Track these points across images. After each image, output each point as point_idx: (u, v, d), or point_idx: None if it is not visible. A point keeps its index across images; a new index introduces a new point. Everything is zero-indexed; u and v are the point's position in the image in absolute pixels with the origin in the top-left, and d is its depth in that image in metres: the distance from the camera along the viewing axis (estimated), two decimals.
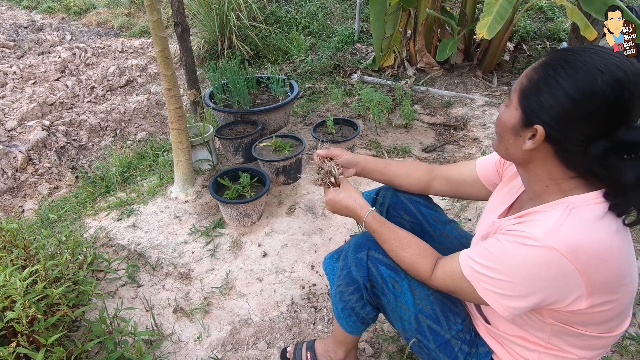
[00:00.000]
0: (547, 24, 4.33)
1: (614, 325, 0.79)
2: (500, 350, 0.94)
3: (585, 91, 0.66)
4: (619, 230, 0.71)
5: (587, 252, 0.67)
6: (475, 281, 0.80)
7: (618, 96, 0.66)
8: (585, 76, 0.66)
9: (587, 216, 0.70)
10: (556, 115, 0.69)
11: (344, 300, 1.08)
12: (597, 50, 0.68)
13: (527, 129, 0.74)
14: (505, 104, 0.80)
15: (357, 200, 1.03)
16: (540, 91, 0.70)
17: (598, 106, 0.66)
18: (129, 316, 1.54)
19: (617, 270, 0.70)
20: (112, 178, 2.39)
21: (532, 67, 0.74)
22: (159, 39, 1.84)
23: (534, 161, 0.77)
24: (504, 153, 0.83)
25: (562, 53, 0.71)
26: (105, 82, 4.42)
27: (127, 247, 1.89)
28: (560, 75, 0.68)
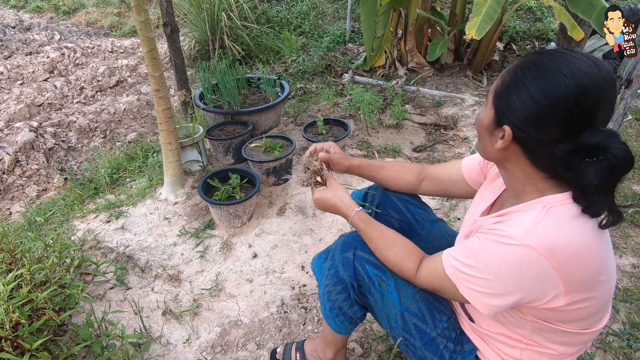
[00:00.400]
0: (536, 24, 4.37)
1: (593, 322, 0.80)
2: (484, 347, 0.95)
3: (548, 95, 0.68)
4: (595, 227, 0.72)
5: (563, 250, 0.68)
6: (457, 279, 0.81)
7: (580, 100, 0.66)
8: (550, 81, 0.68)
9: (564, 215, 0.71)
10: (522, 117, 0.71)
11: (332, 300, 1.09)
12: (567, 55, 0.69)
13: (498, 128, 0.76)
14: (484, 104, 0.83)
15: (344, 200, 1.03)
16: (510, 93, 0.73)
17: (561, 110, 0.68)
18: (117, 319, 1.53)
19: (593, 267, 0.71)
20: (100, 180, 2.37)
21: (507, 69, 0.76)
22: (146, 39, 1.83)
23: (509, 160, 0.79)
24: (482, 152, 0.85)
25: (534, 56, 0.73)
26: (94, 82, 4.37)
27: (115, 249, 1.88)
28: (527, 78, 0.71)
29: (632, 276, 1.59)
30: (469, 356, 0.97)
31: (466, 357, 0.97)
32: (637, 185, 2.13)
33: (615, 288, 1.53)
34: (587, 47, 3.38)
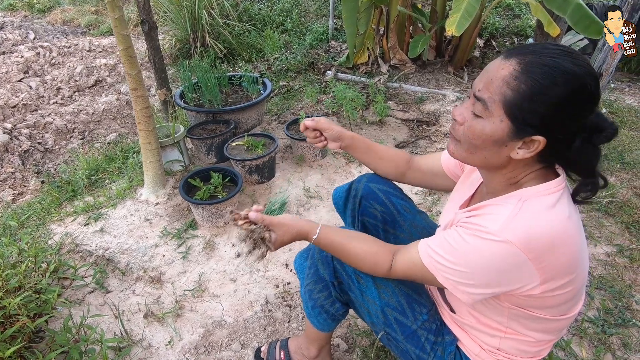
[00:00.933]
0: (515, 20, 4.46)
1: (568, 308, 0.82)
2: (465, 337, 0.97)
3: (579, 94, 0.68)
4: (571, 217, 0.74)
5: (539, 242, 0.70)
6: (435, 270, 0.82)
7: (593, 87, 0.69)
8: (577, 80, 0.68)
9: (539, 207, 0.73)
10: (554, 122, 0.69)
11: (314, 298, 1.09)
12: (565, 51, 0.70)
13: (517, 139, 0.72)
14: (475, 112, 0.75)
15: (300, 233, 0.94)
16: (534, 101, 0.68)
17: (584, 102, 0.69)
18: (97, 324, 1.49)
19: (569, 257, 0.72)
20: (78, 182, 2.31)
21: (509, 75, 0.70)
22: (122, 37, 1.78)
23: (511, 164, 0.77)
24: (480, 162, 0.79)
25: (536, 57, 0.69)
26: (72, 82, 4.25)
27: (94, 252, 1.83)
28: (554, 82, 0.67)
29: (606, 264, 1.64)
30: (450, 347, 0.99)
31: (447, 347, 0.99)
32: (611, 177, 2.20)
33: (589, 276, 1.59)
34: (563, 42, 3.46)
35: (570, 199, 0.77)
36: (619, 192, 2.02)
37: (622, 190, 2.04)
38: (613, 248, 1.72)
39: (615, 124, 0.72)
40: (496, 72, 0.72)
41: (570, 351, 1.31)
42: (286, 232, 0.93)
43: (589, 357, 1.29)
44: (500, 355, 0.91)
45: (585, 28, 2.55)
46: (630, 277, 1.58)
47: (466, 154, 0.80)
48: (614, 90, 3.35)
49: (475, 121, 0.75)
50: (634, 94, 3.30)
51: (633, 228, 1.81)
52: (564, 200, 0.75)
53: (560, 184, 0.76)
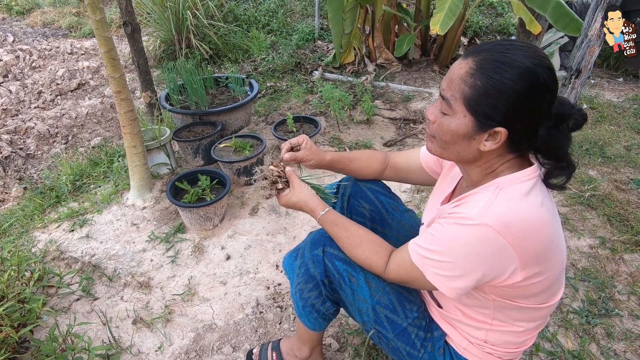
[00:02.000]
0: (498, 19, 4.53)
1: (549, 296, 0.85)
2: (452, 332, 0.98)
3: (529, 82, 0.71)
4: (545, 203, 0.76)
5: (517, 225, 0.72)
6: (423, 266, 0.84)
7: (549, 76, 0.72)
8: (527, 72, 0.71)
9: (514, 194, 0.76)
10: (512, 113, 0.73)
11: (304, 297, 1.09)
12: (517, 45, 0.73)
13: (482, 132, 0.76)
14: (442, 111, 0.79)
15: (309, 203, 1.02)
16: (490, 95, 0.72)
17: (541, 92, 0.72)
18: (84, 332, 1.47)
19: (545, 241, 0.75)
20: (62, 187, 2.26)
21: (466, 73, 0.74)
22: (103, 39, 1.75)
23: (484, 156, 0.80)
24: (454, 157, 0.83)
25: (489, 54, 0.73)
26: (53, 86, 4.16)
27: (80, 259, 1.80)
28: (504, 76, 0.71)
29: (590, 256, 1.69)
30: (439, 342, 1.00)
31: (436, 343, 1.00)
32: (592, 171, 2.26)
33: (574, 268, 1.62)
34: (544, 40, 3.53)
35: (544, 187, 0.80)
36: (601, 186, 2.07)
37: (604, 183, 2.09)
38: (596, 240, 1.76)
39: (584, 112, 0.75)
40: (456, 72, 0.76)
41: (557, 342, 1.34)
42: (297, 195, 1.02)
43: (574, 348, 1.32)
44: (487, 347, 0.93)
45: (565, 26, 2.60)
46: (613, 268, 1.62)
47: (441, 150, 0.84)
48: (594, 87, 3.44)
49: (443, 119, 0.80)
50: (613, 89, 3.39)
51: (614, 220, 1.86)
52: (538, 188, 0.78)
53: (534, 172, 0.79)
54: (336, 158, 1.17)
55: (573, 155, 2.34)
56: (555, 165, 0.78)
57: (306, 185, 1.05)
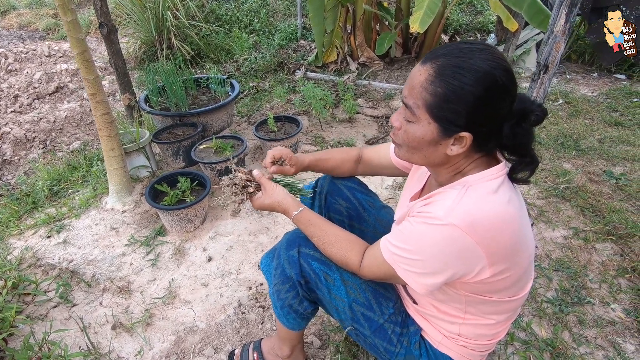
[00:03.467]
0: (477, 17, 4.60)
1: (518, 289, 0.87)
2: (427, 326, 1.00)
3: (488, 86, 0.72)
4: (512, 200, 0.78)
5: (483, 224, 0.73)
6: (394, 263, 0.85)
7: (507, 77, 0.74)
8: (481, 73, 0.72)
9: (481, 192, 0.77)
10: (474, 117, 0.74)
11: (282, 298, 1.09)
12: (473, 49, 0.74)
13: (447, 138, 0.77)
14: (406, 118, 0.79)
15: (282, 204, 1.02)
16: (451, 101, 0.72)
17: (501, 93, 0.73)
18: (61, 339, 1.44)
19: (512, 237, 0.76)
20: (39, 193, 2.22)
21: (426, 80, 0.74)
22: (76, 41, 1.72)
23: (451, 159, 0.81)
24: (422, 161, 0.84)
25: (447, 59, 0.74)
26: (30, 89, 4.06)
27: (58, 265, 1.77)
28: (463, 81, 0.72)
29: (564, 247, 1.73)
30: (415, 337, 1.02)
31: (412, 337, 1.02)
32: (567, 164, 2.31)
33: (548, 259, 1.67)
34: (522, 37, 3.61)
35: (511, 184, 0.81)
36: (575, 178, 2.13)
37: (578, 175, 2.15)
38: (569, 231, 1.81)
39: (544, 107, 0.77)
40: (416, 78, 0.76)
41: (531, 331, 1.37)
42: (270, 196, 1.02)
43: (548, 336, 1.36)
44: (461, 340, 0.95)
45: (540, 22, 2.67)
46: (585, 257, 1.67)
47: (408, 155, 0.85)
48: (569, 82, 3.52)
49: (408, 126, 0.80)
50: (588, 84, 3.48)
51: (587, 211, 1.91)
52: (505, 186, 0.79)
53: (501, 170, 0.80)
54: (313, 161, 1.19)
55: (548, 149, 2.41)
56: (519, 161, 0.80)
57: (278, 186, 1.05)
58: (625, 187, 2.05)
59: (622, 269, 1.60)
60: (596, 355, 1.30)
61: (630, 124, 2.75)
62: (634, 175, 2.16)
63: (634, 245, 1.69)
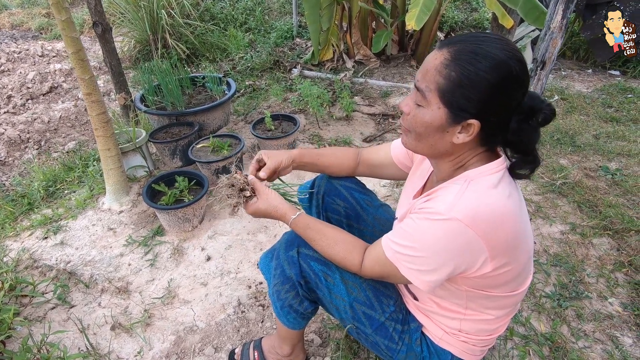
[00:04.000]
0: (473, 14, 4.61)
1: (518, 284, 0.87)
2: (428, 323, 1.00)
3: (504, 76, 0.71)
4: (512, 195, 0.78)
5: (484, 218, 0.74)
6: (397, 261, 0.85)
7: (525, 73, 0.73)
8: (501, 63, 0.71)
9: (483, 186, 0.77)
10: (485, 105, 0.73)
11: (282, 298, 1.08)
12: (491, 37, 0.73)
13: (455, 124, 0.76)
14: (416, 102, 0.79)
15: (279, 209, 1.00)
16: (464, 87, 0.72)
17: (514, 84, 0.73)
18: (60, 340, 1.43)
19: (512, 231, 0.77)
20: (34, 194, 2.20)
21: (441, 64, 0.73)
22: (70, 40, 1.71)
23: (457, 149, 0.80)
24: (428, 150, 0.83)
25: (464, 45, 0.73)
26: (24, 89, 4.02)
27: (55, 266, 1.75)
28: (479, 67, 0.70)
29: (561, 242, 1.74)
30: (415, 333, 1.02)
31: (413, 334, 1.02)
32: (563, 159, 2.33)
33: (546, 254, 1.68)
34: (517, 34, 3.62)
35: (511, 179, 0.82)
36: (571, 174, 2.14)
37: (574, 171, 2.16)
38: (567, 226, 1.82)
39: (553, 107, 0.76)
40: (431, 62, 0.76)
41: (530, 326, 1.38)
42: (266, 201, 1.00)
43: (546, 330, 1.37)
44: (462, 336, 0.95)
45: (535, 19, 2.68)
46: (583, 252, 1.69)
47: (415, 143, 0.84)
48: (565, 78, 3.54)
49: (417, 110, 0.79)
50: (583, 80, 3.51)
51: (584, 206, 1.92)
52: (505, 180, 0.79)
53: (501, 164, 0.80)
54: (305, 153, 1.16)
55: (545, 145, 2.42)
56: (522, 159, 0.80)
57: (273, 191, 1.03)
58: (620, 182, 2.07)
59: (619, 263, 1.62)
60: (595, 349, 1.31)
61: (625, 119, 2.77)
62: (629, 170, 2.18)
63: (631, 240, 1.71)
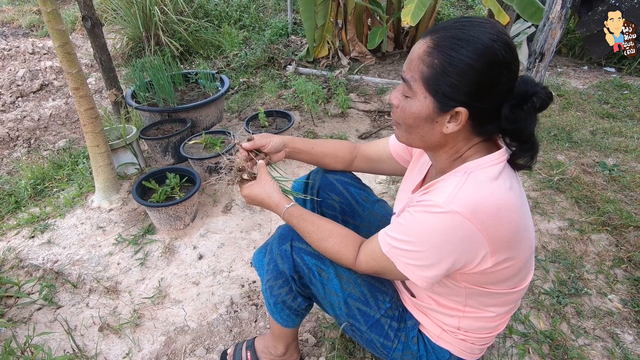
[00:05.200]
0: (468, 11, 4.59)
1: (519, 280, 0.84)
2: (426, 320, 0.97)
3: (486, 58, 0.68)
4: (513, 187, 0.75)
5: (485, 211, 0.70)
6: (394, 256, 0.81)
7: (507, 53, 0.70)
8: (479, 45, 0.68)
9: (483, 178, 0.74)
10: (470, 92, 0.70)
11: (275, 294, 1.05)
12: (474, 22, 0.71)
13: (443, 113, 0.73)
14: (404, 94, 0.77)
15: (272, 197, 0.98)
16: (448, 74, 0.70)
17: (500, 68, 0.70)
18: (45, 342, 1.38)
19: (513, 225, 0.73)
20: (22, 192, 2.14)
21: (424, 52, 0.72)
22: (56, 32, 1.65)
23: (449, 140, 0.78)
24: (420, 142, 0.81)
25: (446, 31, 0.71)
26: (13, 87, 3.95)
27: (42, 266, 1.70)
28: (461, 53, 0.68)
29: (560, 238, 1.72)
30: (412, 331, 0.99)
31: (409, 332, 0.99)
32: (560, 155, 2.31)
33: (545, 250, 1.65)
34: (513, 30, 3.60)
35: (512, 171, 0.78)
36: (569, 170, 2.12)
37: (571, 167, 2.14)
38: (565, 222, 1.80)
39: (548, 90, 0.72)
40: (415, 52, 0.74)
41: (529, 324, 1.35)
42: (262, 187, 0.98)
43: (546, 328, 1.34)
44: (460, 334, 0.92)
45: (531, 15, 2.66)
46: (581, 248, 1.66)
47: (406, 135, 0.82)
48: (560, 75, 3.53)
49: (405, 102, 0.77)
50: (579, 77, 3.50)
51: (582, 202, 1.90)
52: (506, 172, 0.76)
53: (502, 155, 0.77)
54: (298, 140, 1.12)
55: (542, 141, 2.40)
56: (520, 147, 0.77)
57: (274, 181, 1.00)
58: (618, 178, 2.05)
59: (618, 259, 1.59)
60: (595, 347, 1.29)
61: (621, 115, 2.76)
62: (626, 166, 2.17)
63: (629, 236, 1.69)
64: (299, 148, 1.12)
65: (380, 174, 1.18)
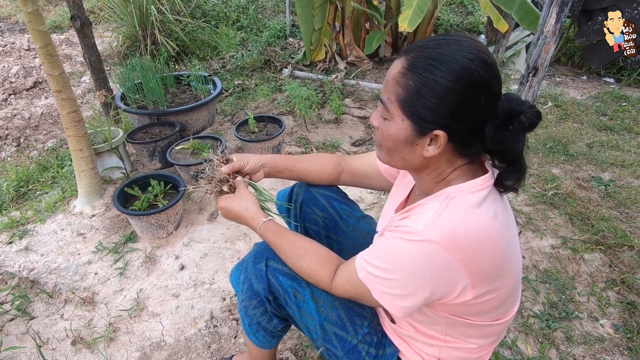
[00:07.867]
0: (468, 17, 4.55)
1: (503, 312, 0.79)
2: (406, 348, 0.93)
3: (463, 79, 0.65)
4: (497, 215, 0.70)
5: (464, 241, 0.66)
6: (370, 283, 0.77)
7: (492, 75, 0.66)
8: (455, 65, 0.65)
9: (465, 205, 0.69)
10: (449, 114, 0.66)
11: (250, 315, 1.01)
12: (450, 40, 0.67)
13: (422, 136, 0.70)
14: (382, 116, 0.74)
15: (249, 211, 0.94)
16: (423, 96, 0.67)
17: (479, 89, 0.66)
18: (15, 356, 1.33)
19: (496, 256, 0.69)
20: (3, 195, 2.09)
21: (399, 73, 0.69)
22: (38, 33, 1.61)
23: (432, 162, 0.74)
24: (401, 164, 0.77)
25: (421, 51, 0.68)
26: (7, 84, 3.89)
27: (17, 274, 1.65)
28: (436, 74, 0.65)
29: (552, 257, 1.67)
30: (391, 359, 0.94)
31: (388, 359, 0.94)
32: (555, 169, 2.26)
33: (536, 269, 1.60)
34: (512, 38, 3.56)
35: (497, 196, 0.74)
36: (563, 184, 2.07)
37: (566, 181, 2.10)
38: (558, 240, 1.75)
39: (536, 108, 0.68)
40: (390, 73, 0.71)
41: (517, 349, 1.31)
42: (239, 199, 0.95)
43: (534, 354, 1.29)
44: None
45: (530, 24, 2.62)
46: (574, 268, 1.61)
47: (387, 157, 0.78)
48: (559, 84, 3.49)
49: (384, 124, 0.74)
50: (577, 87, 3.45)
51: (576, 219, 1.85)
52: (491, 198, 0.71)
53: (487, 181, 0.72)
54: (278, 158, 1.08)
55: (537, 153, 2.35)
56: (508, 169, 0.72)
57: (252, 195, 0.97)
58: (614, 194, 2.01)
59: (611, 280, 1.54)
60: None
61: (619, 128, 2.72)
62: (622, 181, 2.12)
63: (623, 256, 1.64)
64: (279, 167, 1.08)
65: (367, 188, 1.14)
